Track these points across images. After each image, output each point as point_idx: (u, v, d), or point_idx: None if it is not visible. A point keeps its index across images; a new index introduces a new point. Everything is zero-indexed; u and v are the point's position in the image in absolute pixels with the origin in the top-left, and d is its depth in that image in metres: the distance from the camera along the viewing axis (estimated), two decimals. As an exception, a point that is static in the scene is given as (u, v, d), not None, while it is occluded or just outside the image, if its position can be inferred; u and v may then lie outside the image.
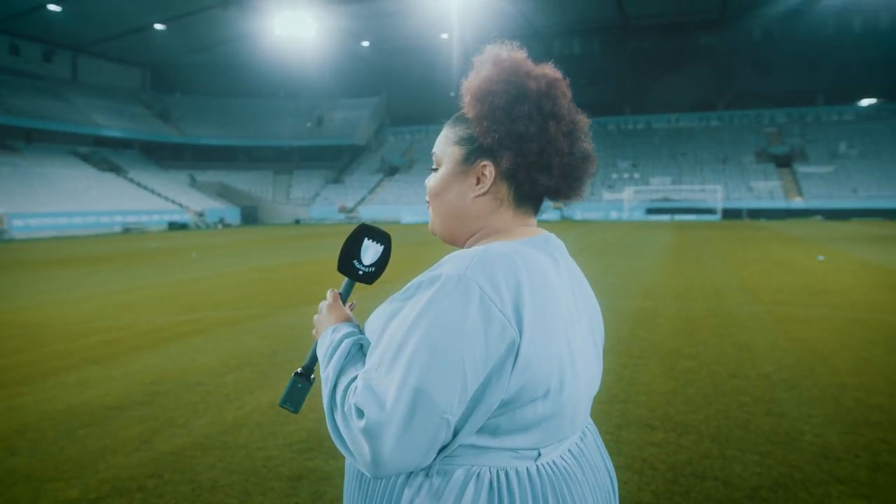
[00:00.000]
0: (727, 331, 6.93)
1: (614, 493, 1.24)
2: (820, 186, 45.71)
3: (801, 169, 48.08)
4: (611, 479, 1.24)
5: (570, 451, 1.16)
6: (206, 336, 7.06)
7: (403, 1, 44.41)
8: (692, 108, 56.79)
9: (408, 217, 46.58)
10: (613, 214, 45.78)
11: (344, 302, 1.32)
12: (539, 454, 1.10)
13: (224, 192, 53.71)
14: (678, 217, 43.81)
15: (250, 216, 50.94)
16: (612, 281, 11.13)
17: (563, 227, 34.02)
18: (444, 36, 54.19)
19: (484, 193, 1.19)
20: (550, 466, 1.11)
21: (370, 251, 1.33)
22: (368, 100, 63.25)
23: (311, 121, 62.45)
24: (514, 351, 1.03)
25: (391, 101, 64.49)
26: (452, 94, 62.07)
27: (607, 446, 3.39)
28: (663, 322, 7.47)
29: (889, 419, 4.14)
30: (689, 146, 54.09)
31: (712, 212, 44.24)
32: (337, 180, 59.33)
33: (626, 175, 51.32)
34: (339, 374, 1.11)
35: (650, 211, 45.47)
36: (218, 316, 8.32)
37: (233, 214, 49.21)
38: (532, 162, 1.14)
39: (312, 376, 1.32)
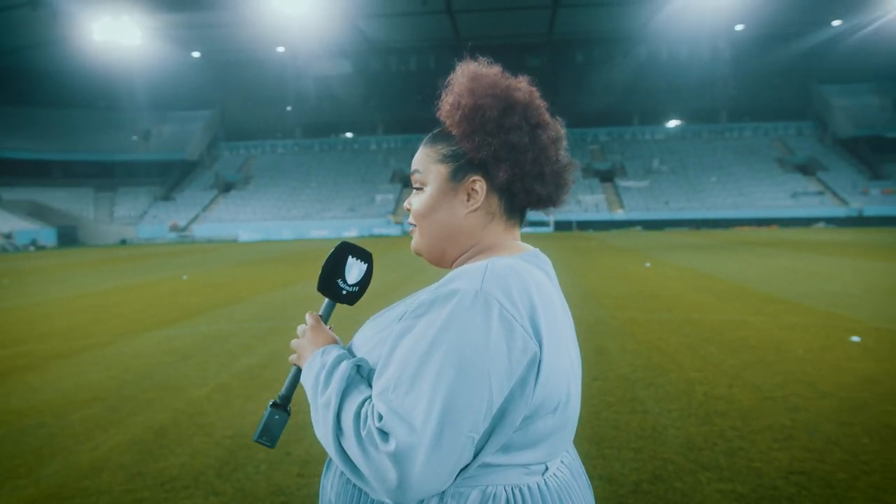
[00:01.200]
0: (581, 336, 7.30)
1: (593, 500, 1.26)
2: (638, 199, 49.86)
3: (622, 183, 52.20)
4: (589, 485, 1.27)
5: (562, 461, 1.17)
6: (39, 371, 6.34)
7: (237, 12, 42.95)
8: (523, 126, 59.91)
9: (246, 235, 44.91)
10: (454, 228, 47.00)
11: (325, 324, 1.25)
12: (546, 468, 1.10)
13: (36, 212, 48.79)
14: (514, 230, 45.77)
15: (69, 237, 46.66)
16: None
17: (405, 241, 34.31)
18: (281, 49, 53.14)
19: (476, 209, 1.18)
20: (555, 479, 1.11)
21: (354, 269, 1.27)
22: (200, 113, 60.38)
23: (137, 134, 58.52)
24: (535, 365, 1.03)
25: (225, 115, 62.01)
26: (289, 108, 61.06)
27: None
28: (521, 331, 7.75)
29: (733, 408, 4.57)
30: (521, 162, 56.85)
31: (545, 224, 46.66)
32: (167, 197, 55.95)
33: (464, 190, 52.92)
34: (343, 397, 1.04)
35: (488, 224, 47.17)
36: (49, 348, 7.50)
37: (48, 236, 44.80)
38: (527, 172, 1.15)
39: (289, 407, 1.23)
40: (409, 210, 1.25)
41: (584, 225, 46.24)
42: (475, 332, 0.99)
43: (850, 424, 4.22)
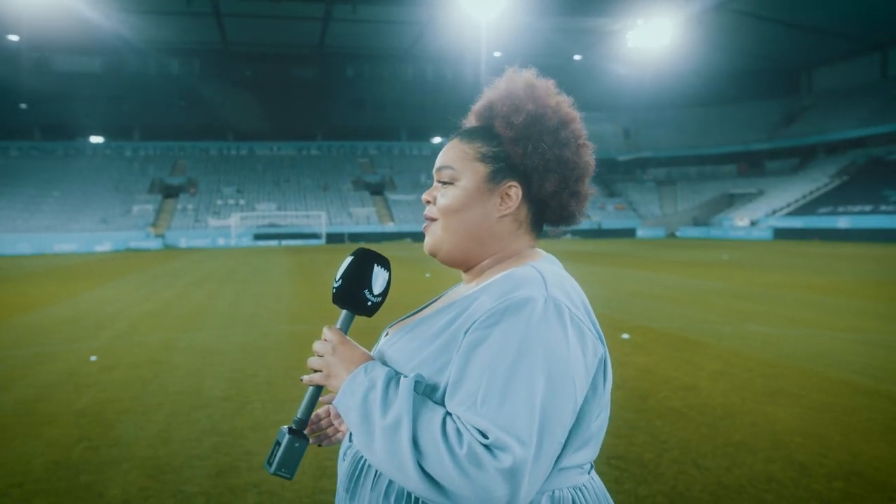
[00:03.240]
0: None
1: None
2: (407, 212, 51.57)
3: (392, 196, 53.64)
4: None
5: None
6: None
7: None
8: (293, 136, 59.14)
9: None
10: (221, 241, 44.75)
11: None
12: (592, 467, 1.12)
13: None
14: (286, 242, 44.86)
15: None
16: (254, 308, 10.94)
17: (171, 255, 32.06)
18: (14, 38, 46.76)
19: (507, 214, 1.16)
20: (597, 476, 1.14)
21: (380, 279, 1.18)
22: None
23: None
24: (602, 366, 1.06)
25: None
26: (25, 105, 53.80)
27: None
28: (324, 344, 7.63)
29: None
30: (291, 173, 55.96)
31: (317, 236, 46.40)
32: None
33: (231, 201, 50.70)
34: (416, 418, 0.96)
35: (258, 237, 45.64)
36: None
37: None
38: (570, 188, 1.16)
39: (306, 432, 1.11)
40: (428, 202, 1.20)
41: (356, 237, 46.68)
42: (556, 339, 0.99)
43: (643, 410, 4.78)
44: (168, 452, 4.05)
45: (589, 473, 1.13)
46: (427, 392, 1.03)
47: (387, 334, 1.24)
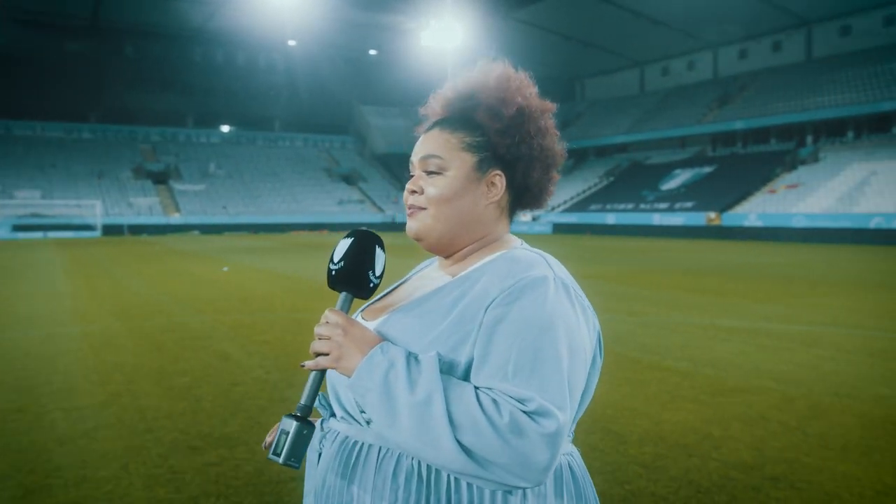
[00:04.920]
0: (196, 343, 6.97)
1: None
2: (195, 203, 48.63)
3: (177, 186, 50.23)
4: None
5: None
6: None
7: None
8: (60, 117, 52.98)
9: None
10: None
11: None
12: (573, 435, 1.18)
13: None
14: (52, 234, 40.28)
15: None
16: (30, 308, 9.70)
17: None
18: None
19: (493, 202, 1.20)
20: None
21: (380, 260, 1.16)
22: None
23: None
24: (599, 341, 1.14)
25: None
26: None
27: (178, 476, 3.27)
28: (124, 343, 7.00)
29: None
30: (59, 158, 50.14)
31: (91, 228, 42.21)
32: None
33: (-17, 187, 44.34)
34: (447, 391, 0.98)
35: (18, 228, 40.45)
36: None
37: None
38: (548, 175, 1.23)
39: (310, 418, 1.08)
40: (414, 192, 1.20)
41: (137, 229, 43.15)
42: (570, 315, 1.06)
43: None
44: (-46, 475, 3.50)
45: (571, 442, 1.21)
46: (445, 369, 1.05)
47: (364, 318, 1.22)
